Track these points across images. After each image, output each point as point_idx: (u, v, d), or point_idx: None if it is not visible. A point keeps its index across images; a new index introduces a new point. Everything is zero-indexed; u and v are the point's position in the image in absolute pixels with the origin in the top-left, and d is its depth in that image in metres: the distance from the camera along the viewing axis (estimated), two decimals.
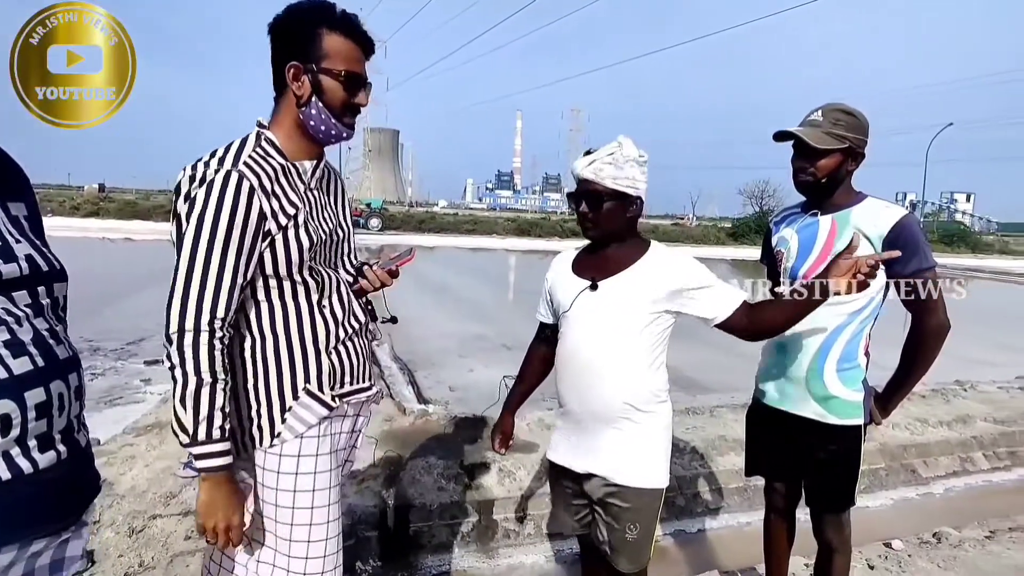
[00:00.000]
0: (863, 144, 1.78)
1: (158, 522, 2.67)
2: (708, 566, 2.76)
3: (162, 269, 5.58)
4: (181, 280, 1.24)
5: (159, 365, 5.90)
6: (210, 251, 1.23)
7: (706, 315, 1.57)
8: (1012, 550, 2.85)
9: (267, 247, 1.31)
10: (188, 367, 1.21)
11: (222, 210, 1.24)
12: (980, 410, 4.91)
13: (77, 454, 1.00)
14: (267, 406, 1.38)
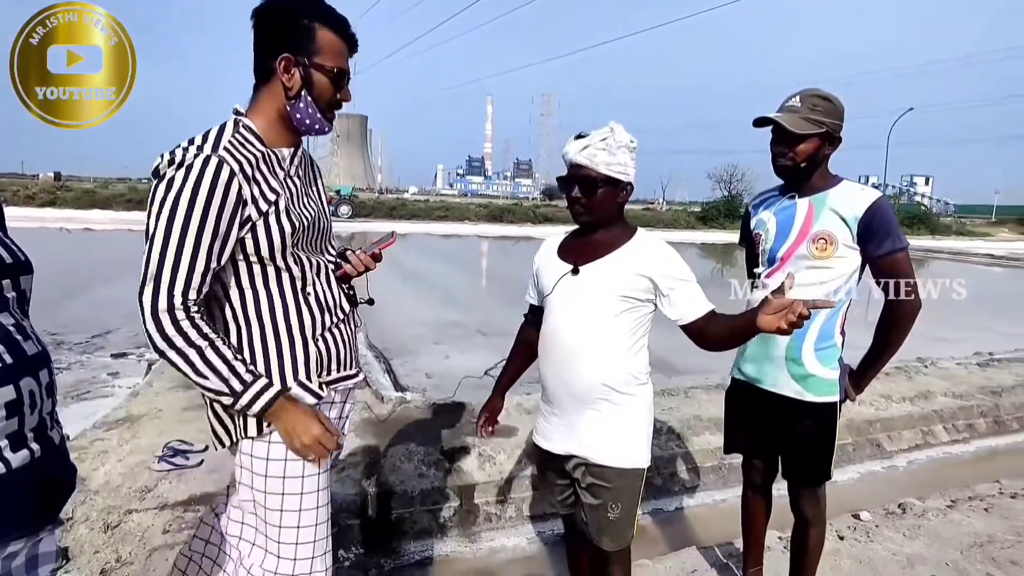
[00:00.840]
0: (839, 128, 1.81)
1: (134, 517, 2.62)
2: (686, 543, 2.83)
3: (125, 259, 5.49)
4: (154, 262, 1.21)
5: (126, 358, 5.77)
6: (184, 233, 1.20)
7: (671, 315, 1.58)
8: (971, 518, 2.99)
9: (248, 233, 1.29)
10: (179, 343, 1.21)
11: (199, 193, 1.21)
12: (940, 386, 5.11)
13: (51, 451, 0.97)
14: None
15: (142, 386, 4.43)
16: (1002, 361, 6.08)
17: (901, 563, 2.54)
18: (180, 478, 2.97)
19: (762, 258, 1.96)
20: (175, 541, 2.48)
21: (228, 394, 1.26)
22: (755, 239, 1.99)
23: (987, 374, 5.56)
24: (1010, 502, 3.19)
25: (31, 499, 0.94)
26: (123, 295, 8.76)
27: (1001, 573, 2.50)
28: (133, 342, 6.37)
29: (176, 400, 4.00)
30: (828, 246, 1.80)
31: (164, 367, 4.85)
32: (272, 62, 1.33)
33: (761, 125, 1.85)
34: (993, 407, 4.88)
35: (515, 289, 8.43)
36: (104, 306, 7.97)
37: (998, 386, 5.20)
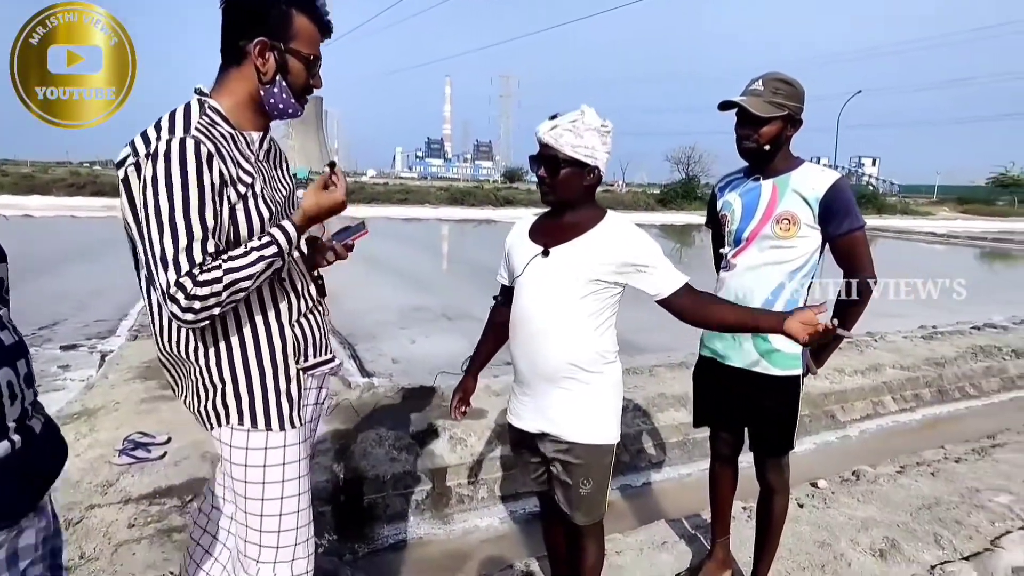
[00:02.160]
0: (800, 111, 1.87)
1: (96, 512, 2.55)
2: (655, 516, 2.91)
3: (69, 247, 5.29)
4: (155, 253, 1.17)
5: (77, 350, 5.55)
6: (187, 212, 1.17)
7: (649, 291, 1.61)
8: (919, 482, 3.16)
9: (227, 216, 1.26)
10: (210, 302, 1.18)
11: (187, 174, 1.18)
12: (889, 358, 5.36)
13: (33, 442, 0.94)
14: (232, 383, 1.35)
15: (96, 378, 4.28)
16: (944, 334, 6.40)
17: (856, 526, 2.68)
18: (143, 471, 2.89)
19: (728, 239, 2.01)
20: (142, 535, 2.42)
21: (279, 262, 1.28)
22: (721, 220, 2.04)
23: (931, 346, 5.85)
24: (954, 466, 3.38)
25: (13, 491, 0.91)
26: (70, 285, 8.44)
27: (947, 532, 2.66)
28: (83, 333, 6.14)
29: (134, 392, 3.87)
30: (791, 226, 1.85)
31: (118, 359, 4.69)
32: (246, 45, 1.29)
33: (726, 108, 1.89)
34: (937, 377, 5.16)
35: (479, 273, 8.46)
36: (50, 297, 7.63)
37: (941, 358, 5.49)
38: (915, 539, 2.60)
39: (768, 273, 1.89)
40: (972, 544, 2.58)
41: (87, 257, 10.81)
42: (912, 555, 2.48)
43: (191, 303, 1.16)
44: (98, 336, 6.04)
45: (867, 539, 2.57)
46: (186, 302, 1.16)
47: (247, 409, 1.35)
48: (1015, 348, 5.93)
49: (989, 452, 3.59)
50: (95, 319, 6.71)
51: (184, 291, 1.16)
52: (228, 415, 1.35)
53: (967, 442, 3.82)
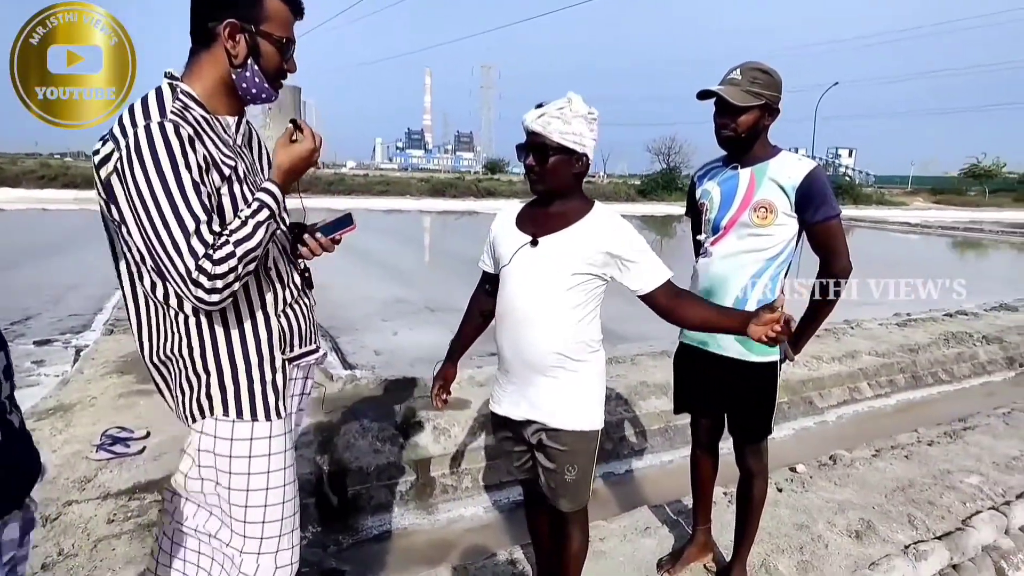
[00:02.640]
0: (778, 100, 1.88)
1: (75, 508, 2.51)
2: (637, 502, 2.95)
3: (40, 241, 5.19)
4: (160, 241, 1.16)
5: (51, 345, 5.45)
6: (185, 196, 1.16)
7: (631, 286, 1.62)
8: (894, 465, 3.24)
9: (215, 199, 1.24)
10: (230, 279, 1.18)
11: (175, 158, 1.16)
12: (865, 345, 5.47)
13: (13, 435, 0.93)
14: (217, 374, 1.33)
15: (72, 374, 4.20)
16: (918, 321, 6.55)
17: (833, 509, 2.74)
18: (121, 466, 2.85)
19: (706, 227, 2.03)
20: (122, 530, 2.40)
21: (274, 224, 1.28)
22: (700, 208, 2.05)
23: (905, 333, 5.98)
24: (927, 449, 3.47)
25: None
26: (42, 279, 8.26)
27: (920, 513, 2.73)
28: (57, 328, 6.03)
29: (110, 387, 3.81)
30: (768, 214, 1.88)
31: (93, 353, 4.61)
32: (215, 27, 1.26)
33: (704, 98, 1.90)
34: (911, 363, 5.27)
35: (461, 264, 8.43)
36: (22, 292, 7.48)
37: (915, 344, 5.61)
38: (890, 520, 2.66)
39: (745, 261, 1.91)
40: (944, 524, 2.66)
41: (59, 251, 10.58)
42: (887, 535, 2.54)
43: (214, 283, 1.16)
44: (72, 331, 5.93)
45: (844, 521, 2.63)
46: (210, 283, 1.15)
47: (232, 399, 1.33)
48: (985, 334, 6.09)
49: (960, 435, 3.69)
50: (69, 314, 6.59)
51: (206, 274, 1.15)
52: (212, 406, 1.33)
53: (939, 425, 3.91)
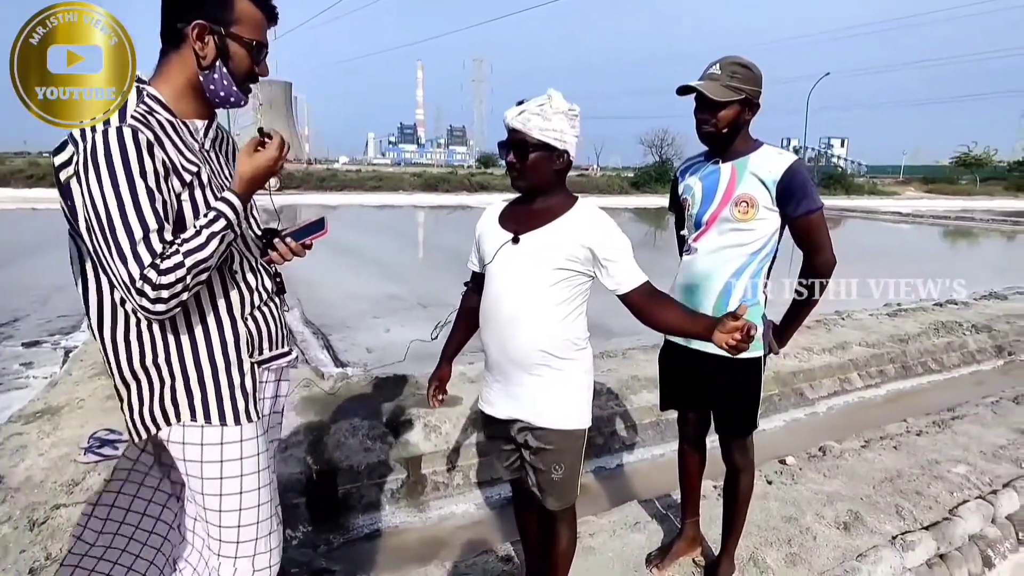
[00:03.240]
0: (758, 95, 1.88)
1: (63, 512, 2.50)
2: (628, 497, 2.96)
3: (29, 240, 5.15)
4: (109, 249, 1.15)
5: (39, 346, 5.41)
6: (136, 203, 1.15)
7: (608, 284, 1.62)
8: (882, 456, 3.26)
9: (174, 206, 1.23)
10: (176, 289, 1.17)
11: (129, 164, 1.14)
12: (855, 336, 5.49)
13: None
14: (183, 378, 1.32)
15: (60, 375, 4.17)
16: (907, 311, 6.58)
17: (822, 500, 2.75)
18: (110, 469, 2.84)
19: (688, 222, 2.03)
20: None
21: (231, 234, 1.27)
22: (683, 204, 2.05)
23: (895, 323, 6.01)
24: (915, 439, 3.49)
25: None
26: (30, 279, 8.20)
27: (908, 503, 2.75)
28: (45, 329, 5.98)
29: (99, 389, 3.79)
30: (750, 209, 1.87)
31: (82, 355, 4.58)
32: (184, 28, 1.25)
33: (685, 93, 1.90)
34: (901, 353, 5.30)
35: (454, 260, 8.39)
36: (10, 292, 7.42)
37: (905, 334, 5.64)
38: (877, 511, 2.68)
39: (728, 256, 1.91)
40: (932, 514, 2.68)
41: (48, 251, 10.49)
42: (874, 526, 2.56)
43: (159, 292, 1.15)
44: (61, 332, 5.88)
45: (832, 512, 2.65)
46: (154, 293, 1.14)
47: (199, 404, 1.32)
48: (975, 323, 6.13)
49: (949, 424, 3.71)
50: (57, 315, 6.54)
51: (150, 283, 1.14)
52: (179, 412, 1.32)
53: (928, 415, 3.94)
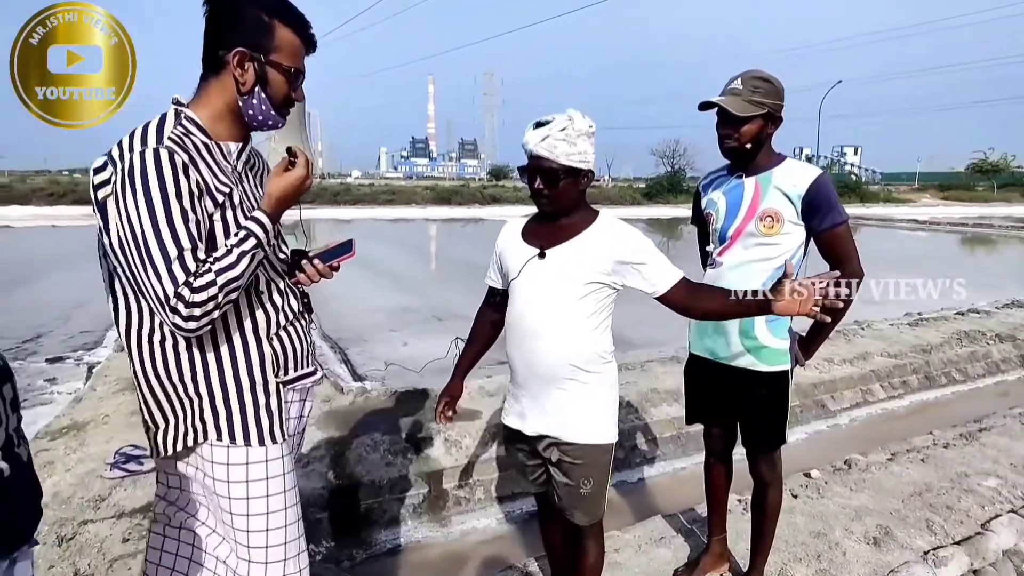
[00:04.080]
0: (780, 108, 1.88)
1: (90, 527, 2.52)
2: (651, 511, 2.93)
3: (51, 258, 5.24)
4: (145, 270, 1.18)
5: (63, 362, 5.48)
6: (171, 223, 1.17)
7: (646, 289, 1.62)
8: (910, 469, 3.21)
9: (206, 226, 1.25)
10: (208, 307, 1.19)
11: (165, 185, 1.17)
12: (876, 346, 5.42)
13: (21, 469, 0.93)
14: (209, 398, 1.33)
15: (84, 391, 4.23)
16: (929, 320, 6.49)
17: (850, 515, 2.71)
18: (135, 484, 2.86)
19: (713, 236, 2.02)
20: (137, 549, 2.40)
21: (260, 253, 1.29)
22: (706, 218, 2.05)
23: (917, 333, 5.93)
24: (943, 451, 3.43)
25: (4, 520, 0.89)
26: (53, 296, 8.33)
27: (938, 517, 2.70)
28: (68, 345, 6.06)
29: (123, 404, 3.83)
30: (775, 223, 1.87)
31: (105, 370, 4.64)
32: (225, 55, 1.28)
33: (706, 108, 1.90)
34: (923, 364, 5.22)
35: (468, 272, 8.39)
36: (33, 309, 7.54)
37: (927, 344, 5.56)
38: (908, 526, 2.64)
39: (753, 270, 1.91)
40: (963, 528, 2.62)
41: (69, 267, 10.66)
42: (905, 541, 2.51)
43: (192, 310, 1.17)
44: (84, 348, 5.96)
45: (861, 527, 2.61)
46: (187, 311, 1.17)
47: (224, 424, 1.33)
48: (998, 332, 6.03)
49: (976, 436, 3.65)
50: (80, 330, 6.63)
51: (184, 300, 1.16)
52: (206, 431, 1.33)
53: (955, 427, 3.87)
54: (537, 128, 1.56)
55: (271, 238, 1.32)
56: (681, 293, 1.61)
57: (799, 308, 1.50)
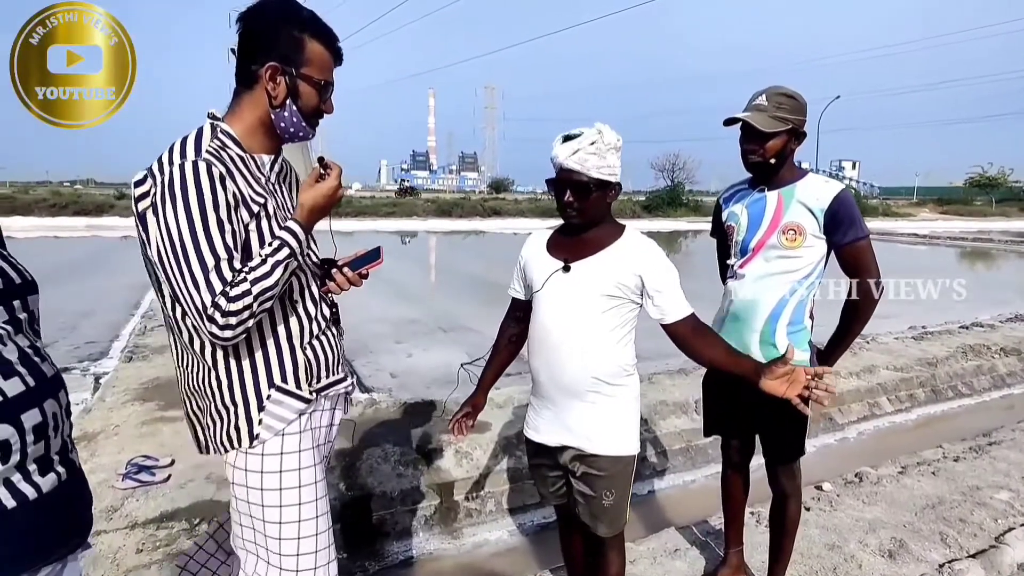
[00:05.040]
0: (803, 123, 1.91)
1: (103, 538, 2.51)
2: (663, 524, 2.93)
3: (54, 268, 5.29)
4: (182, 282, 1.20)
5: (69, 373, 5.47)
6: (196, 242, 1.19)
7: (654, 314, 1.63)
8: (922, 482, 3.21)
9: (242, 236, 1.27)
10: (243, 316, 1.21)
11: (203, 196, 1.20)
12: (882, 360, 5.43)
13: (75, 473, 0.95)
14: (244, 406, 1.35)
15: (93, 402, 4.22)
16: (934, 334, 6.50)
17: (864, 528, 2.71)
18: (147, 495, 2.86)
19: (734, 249, 2.04)
20: (151, 560, 2.40)
21: (294, 262, 1.31)
22: (727, 231, 2.07)
23: (922, 347, 5.94)
24: (953, 465, 3.43)
25: (61, 523, 0.91)
26: (57, 307, 8.30)
27: (952, 531, 2.70)
28: (75, 355, 6.05)
29: (133, 415, 3.83)
30: (797, 236, 1.89)
31: (114, 381, 4.64)
32: (257, 70, 1.32)
33: (731, 124, 1.93)
34: (930, 377, 5.23)
35: (472, 284, 8.41)
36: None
37: (933, 357, 5.57)
38: (922, 538, 2.63)
39: (775, 283, 1.93)
40: (977, 542, 2.62)
41: (73, 278, 10.67)
42: (920, 554, 2.51)
43: (228, 319, 1.19)
44: (90, 358, 5.95)
45: (875, 540, 2.60)
46: (223, 319, 1.19)
47: (257, 431, 1.35)
48: (1003, 346, 6.04)
49: (986, 450, 3.65)
50: (86, 341, 6.62)
51: (220, 310, 1.19)
52: (240, 439, 1.35)
53: (964, 441, 3.87)
54: (566, 142, 1.58)
55: (304, 247, 1.35)
56: (686, 329, 1.62)
57: (785, 391, 1.52)
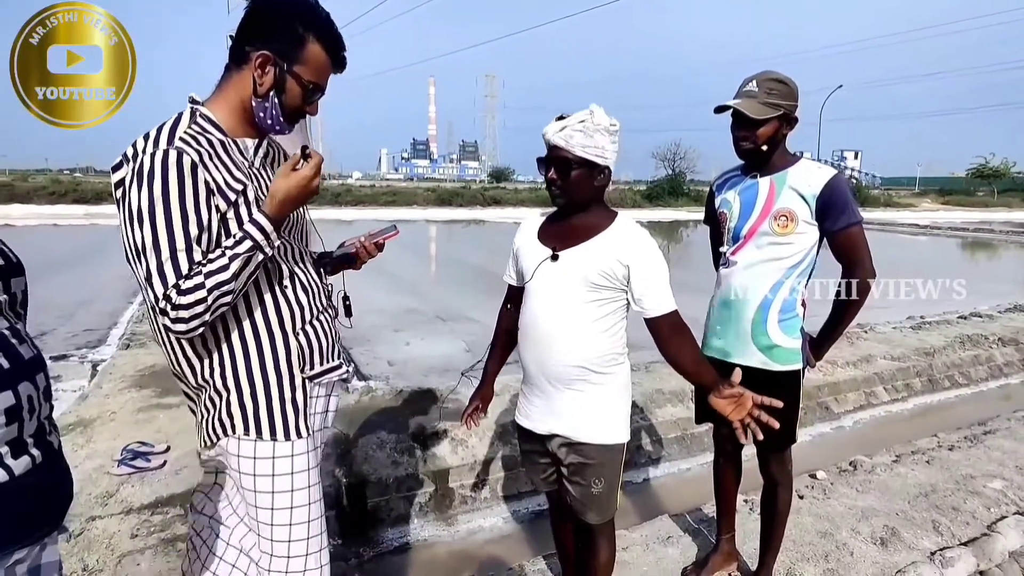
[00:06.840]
0: (795, 109, 1.88)
1: (98, 523, 2.53)
2: (657, 511, 2.94)
3: (53, 256, 5.27)
4: (141, 269, 1.18)
5: (67, 360, 5.48)
6: (169, 224, 1.17)
7: (636, 306, 1.62)
8: (915, 471, 3.21)
9: (218, 224, 1.25)
10: (197, 310, 1.18)
11: (168, 185, 1.17)
12: (879, 349, 5.43)
13: (52, 456, 0.94)
14: (237, 393, 1.34)
15: (90, 389, 4.23)
16: (932, 324, 6.50)
17: (856, 516, 2.72)
18: (143, 480, 2.87)
19: (727, 236, 2.03)
20: (146, 545, 2.41)
21: (259, 255, 1.25)
22: (720, 218, 2.05)
23: (920, 336, 5.94)
24: (947, 454, 3.44)
25: (35, 506, 0.90)
26: (55, 294, 8.32)
27: (944, 519, 2.71)
28: (72, 343, 6.06)
29: (129, 401, 3.84)
30: (789, 223, 1.87)
31: (111, 368, 4.65)
32: (251, 52, 1.29)
33: (721, 111, 1.90)
34: (927, 367, 5.24)
35: (470, 273, 8.43)
36: (36, 307, 7.41)
37: (930, 347, 5.57)
38: (914, 526, 2.64)
39: (767, 270, 1.91)
40: (969, 530, 2.63)
41: (71, 266, 10.67)
42: (912, 542, 2.52)
43: (178, 313, 1.17)
44: (88, 345, 5.97)
45: (868, 528, 2.61)
46: (174, 313, 1.17)
47: (252, 418, 1.34)
48: (1001, 336, 6.04)
49: (981, 439, 3.66)
50: (83, 328, 6.64)
51: (171, 302, 1.16)
52: (234, 425, 1.34)
53: (959, 430, 3.88)
54: (558, 120, 1.56)
55: (272, 240, 1.28)
56: (665, 326, 1.61)
57: (729, 412, 1.63)
